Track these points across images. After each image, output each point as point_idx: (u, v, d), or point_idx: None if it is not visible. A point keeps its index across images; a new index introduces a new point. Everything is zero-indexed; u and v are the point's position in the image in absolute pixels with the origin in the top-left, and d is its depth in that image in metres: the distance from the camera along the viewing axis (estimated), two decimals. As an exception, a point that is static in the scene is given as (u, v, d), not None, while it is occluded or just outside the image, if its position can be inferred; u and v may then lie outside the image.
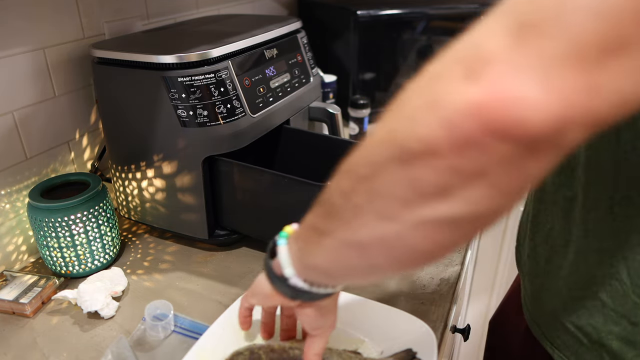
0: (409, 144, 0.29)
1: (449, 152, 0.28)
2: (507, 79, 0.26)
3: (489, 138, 0.27)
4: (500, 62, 0.26)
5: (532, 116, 0.26)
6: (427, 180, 0.30)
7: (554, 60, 0.26)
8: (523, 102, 0.26)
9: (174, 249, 0.85)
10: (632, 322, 0.46)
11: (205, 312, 0.69)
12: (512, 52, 0.26)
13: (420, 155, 0.29)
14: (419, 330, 0.58)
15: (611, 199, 0.45)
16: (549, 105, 0.25)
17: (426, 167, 0.29)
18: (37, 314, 0.70)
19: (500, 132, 0.26)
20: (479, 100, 0.26)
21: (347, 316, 0.62)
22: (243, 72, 0.77)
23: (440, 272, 0.76)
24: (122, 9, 0.94)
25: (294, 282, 0.44)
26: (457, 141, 0.27)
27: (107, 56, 0.76)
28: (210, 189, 0.79)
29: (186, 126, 0.73)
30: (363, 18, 1.24)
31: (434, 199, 0.30)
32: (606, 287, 0.46)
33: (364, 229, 0.34)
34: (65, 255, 0.74)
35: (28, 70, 0.79)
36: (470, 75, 0.27)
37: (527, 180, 0.29)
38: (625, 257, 0.45)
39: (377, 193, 0.32)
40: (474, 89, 0.27)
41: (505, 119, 0.26)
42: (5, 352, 0.63)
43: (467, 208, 0.30)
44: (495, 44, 0.27)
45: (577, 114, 0.26)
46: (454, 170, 0.28)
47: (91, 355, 0.63)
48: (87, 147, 0.92)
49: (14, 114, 0.78)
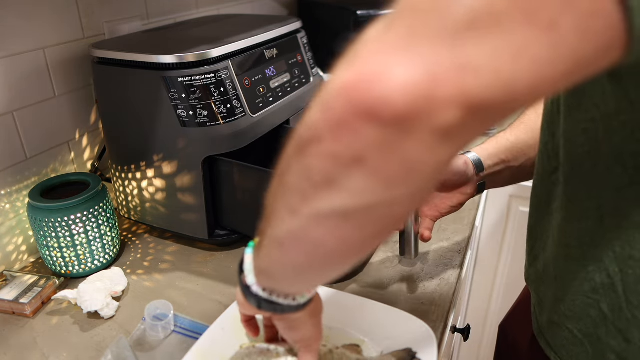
0: (302, 132, 0.29)
1: (328, 137, 0.27)
2: (374, 58, 0.26)
3: (356, 119, 0.26)
4: (371, 42, 0.27)
5: (394, 94, 0.25)
6: (315, 170, 0.29)
7: (422, 38, 0.25)
8: (386, 80, 0.25)
9: (174, 249, 0.85)
10: (626, 338, 0.44)
11: (205, 312, 0.69)
12: (384, 33, 0.26)
13: (308, 143, 0.29)
14: (419, 330, 0.58)
15: (600, 209, 0.43)
16: (412, 83, 0.24)
17: (313, 156, 0.29)
18: (37, 314, 0.70)
19: (365, 112, 0.25)
20: (347, 80, 0.26)
21: (347, 316, 0.62)
22: (243, 72, 0.77)
23: (440, 272, 0.76)
24: (122, 9, 0.94)
25: (255, 290, 0.43)
26: (331, 124, 0.27)
27: (107, 56, 0.76)
28: (211, 189, 0.79)
29: (186, 126, 0.73)
30: (363, 18, 1.24)
31: (324, 189, 0.29)
32: (606, 299, 0.45)
33: (280, 226, 0.34)
34: (65, 255, 0.74)
35: (28, 70, 0.79)
36: (349, 61, 0.27)
37: (410, 165, 0.27)
38: (621, 269, 0.43)
39: (286, 187, 0.32)
40: (346, 71, 0.26)
41: (368, 98, 0.25)
42: (5, 352, 0.64)
43: (354, 199, 0.29)
44: (373, 30, 0.27)
45: (448, 93, 0.25)
46: (334, 157, 0.28)
47: (91, 355, 0.63)
48: (87, 147, 0.92)
49: (14, 114, 0.78)
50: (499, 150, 0.70)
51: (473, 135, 0.28)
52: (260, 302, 0.44)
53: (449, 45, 0.25)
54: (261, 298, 0.43)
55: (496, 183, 0.72)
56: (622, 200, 0.41)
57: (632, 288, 0.43)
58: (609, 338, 0.46)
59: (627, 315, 0.44)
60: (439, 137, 0.26)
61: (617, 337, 0.45)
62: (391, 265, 0.78)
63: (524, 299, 0.73)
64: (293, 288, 0.43)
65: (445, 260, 0.79)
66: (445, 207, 0.71)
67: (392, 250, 0.81)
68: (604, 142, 0.41)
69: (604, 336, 0.46)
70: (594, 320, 0.47)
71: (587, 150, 0.43)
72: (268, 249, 0.39)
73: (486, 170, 0.70)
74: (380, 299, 0.66)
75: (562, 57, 0.26)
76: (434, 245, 0.82)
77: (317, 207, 0.30)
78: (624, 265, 0.43)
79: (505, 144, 0.69)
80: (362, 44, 0.27)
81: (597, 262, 0.45)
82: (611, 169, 0.41)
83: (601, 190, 0.43)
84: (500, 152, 0.70)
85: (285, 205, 0.33)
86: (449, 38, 0.25)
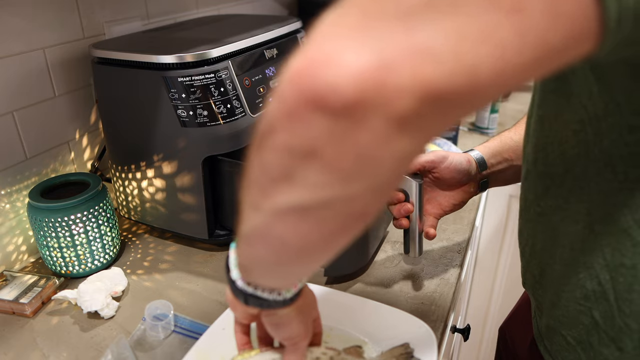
0: (261, 125, 0.28)
1: (280, 129, 0.26)
2: (325, 44, 0.24)
3: (305, 108, 0.24)
4: (325, 27, 0.25)
5: (343, 81, 0.23)
6: (272, 164, 0.28)
7: (376, 21, 0.23)
8: (335, 66, 0.23)
9: (174, 249, 0.85)
10: (619, 347, 0.43)
11: (205, 312, 0.69)
12: (338, 17, 0.25)
13: (266, 136, 0.27)
14: (418, 330, 0.58)
15: (590, 214, 0.42)
16: (363, 69, 0.23)
17: (269, 149, 0.27)
18: (37, 314, 0.70)
19: (313, 100, 0.24)
20: (297, 67, 0.24)
21: (347, 316, 0.62)
22: (243, 72, 0.77)
23: (440, 272, 0.76)
24: (122, 9, 0.94)
25: (240, 286, 0.42)
26: (284, 115, 0.25)
27: (107, 56, 0.76)
28: (211, 189, 0.79)
29: (186, 126, 0.73)
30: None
31: (281, 184, 0.28)
32: (598, 306, 0.44)
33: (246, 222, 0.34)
34: (65, 255, 0.74)
35: (28, 70, 0.79)
36: (303, 47, 0.25)
37: (364, 157, 0.25)
38: (612, 277, 0.42)
39: (250, 183, 0.32)
40: (298, 58, 0.25)
41: (316, 85, 0.23)
42: (5, 352, 0.63)
43: (310, 194, 0.27)
44: (329, 14, 0.25)
45: (402, 79, 0.23)
46: (288, 150, 0.26)
47: (91, 355, 0.63)
48: (87, 147, 0.92)
49: (14, 114, 0.78)
50: (503, 149, 0.70)
51: (435, 127, 0.26)
52: (247, 297, 0.43)
53: (404, 28, 0.23)
54: (247, 293, 0.42)
55: (499, 181, 0.72)
56: (612, 206, 0.40)
57: (623, 296, 0.42)
58: (602, 346, 0.45)
59: (620, 324, 0.43)
60: (394, 127, 0.24)
61: (609, 346, 0.44)
62: (391, 265, 0.78)
63: (523, 302, 0.72)
64: (273, 283, 0.42)
65: (445, 260, 0.79)
66: (448, 205, 0.71)
67: (393, 249, 0.81)
68: (594, 144, 0.40)
69: (597, 344, 0.45)
70: (587, 327, 0.46)
71: (578, 153, 0.42)
72: (241, 245, 0.39)
73: (489, 168, 0.70)
74: (380, 299, 0.66)
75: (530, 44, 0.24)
76: (434, 245, 0.82)
77: (276, 203, 0.29)
78: (615, 272, 0.42)
79: (509, 142, 0.69)
80: (316, 29, 0.25)
81: (587, 269, 0.44)
82: (601, 173, 0.40)
83: (591, 195, 0.42)
84: (503, 151, 0.70)
85: (249, 201, 0.33)
86: (405, 21, 0.23)
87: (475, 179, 0.70)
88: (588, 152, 0.41)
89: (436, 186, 0.71)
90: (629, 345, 0.43)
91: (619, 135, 0.38)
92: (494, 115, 1.33)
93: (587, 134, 0.40)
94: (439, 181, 0.70)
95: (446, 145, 1.16)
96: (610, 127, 0.38)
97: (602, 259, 0.42)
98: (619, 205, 0.40)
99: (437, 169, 0.69)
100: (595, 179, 0.41)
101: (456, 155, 0.69)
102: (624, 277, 0.41)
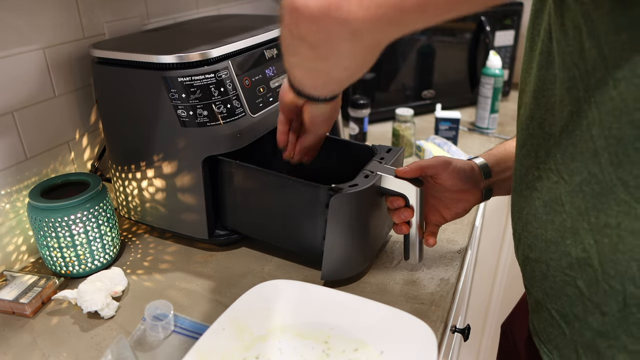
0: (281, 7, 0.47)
1: (284, 19, 0.46)
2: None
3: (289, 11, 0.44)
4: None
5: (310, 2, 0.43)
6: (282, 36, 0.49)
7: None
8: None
9: (174, 249, 0.85)
10: (602, 312, 0.44)
11: (205, 312, 0.69)
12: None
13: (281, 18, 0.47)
14: (419, 330, 0.58)
15: (579, 174, 0.43)
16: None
17: (282, 26, 0.47)
18: (37, 314, 0.70)
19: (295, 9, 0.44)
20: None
21: (347, 316, 0.62)
22: (243, 72, 0.77)
23: (440, 272, 0.76)
24: (122, 9, 0.95)
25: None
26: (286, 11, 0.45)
27: (107, 56, 0.76)
28: (211, 189, 0.79)
29: (186, 126, 0.73)
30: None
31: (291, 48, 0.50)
32: (582, 274, 0.45)
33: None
34: (65, 255, 0.74)
35: (28, 70, 0.79)
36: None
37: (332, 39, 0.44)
38: (596, 240, 0.43)
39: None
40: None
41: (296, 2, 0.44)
42: (5, 352, 0.64)
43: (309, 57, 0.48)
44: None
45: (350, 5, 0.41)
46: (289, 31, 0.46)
47: (91, 355, 0.63)
48: (87, 147, 0.92)
49: (14, 114, 0.78)
50: (507, 157, 0.69)
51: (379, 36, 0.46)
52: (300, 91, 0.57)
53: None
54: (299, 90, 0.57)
55: (503, 190, 0.71)
56: (597, 165, 0.42)
57: (608, 257, 0.43)
58: (586, 314, 0.46)
59: (604, 287, 0.43)
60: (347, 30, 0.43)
61: (594, 313, 0.45)
62: (391, 266, 0.78)
63: (524, 298, 0.72)
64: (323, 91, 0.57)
65: (445, 260, 0.79)
66: (450, 213, 0.71)
67: (393, 250, 0.81)
68: (585, 101, 0.42)
69: (581, 314, 0.46)
70: (570, 298, 0.47)
71: (571, 110, 0.43)
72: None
73: (494, 176, 0.69)
74: (380, 299, 0.66)
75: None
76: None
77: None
78: (600, 234, 0.43)
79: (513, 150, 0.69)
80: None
81: (573, 235, 0.45)
82: (590, 129, 0.42)
83: (583, 154, 0.43)
84: (508, 159, 0.69)
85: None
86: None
87: (479, 186, 0.69)
88: (579, 110, 0.42)
89: (438, 193, 0.70)
90: (614, 308, 0.43)
91: (605, 90, 0.40)
92: (494, 115, 1.33)
93: (578, 90, 0.42)
94: (441, 188, 0.69)
95: (446, 145, 1.16)
96: (597, 82, 0.40)
97: (586, 223, 0.43)
98: (605, 163, 0.41)
99: (439, 176, 0.67)
100: (586, 136, 0.42)
101: (459, 161, 0.68)
102: (609, 237, 0.42)
